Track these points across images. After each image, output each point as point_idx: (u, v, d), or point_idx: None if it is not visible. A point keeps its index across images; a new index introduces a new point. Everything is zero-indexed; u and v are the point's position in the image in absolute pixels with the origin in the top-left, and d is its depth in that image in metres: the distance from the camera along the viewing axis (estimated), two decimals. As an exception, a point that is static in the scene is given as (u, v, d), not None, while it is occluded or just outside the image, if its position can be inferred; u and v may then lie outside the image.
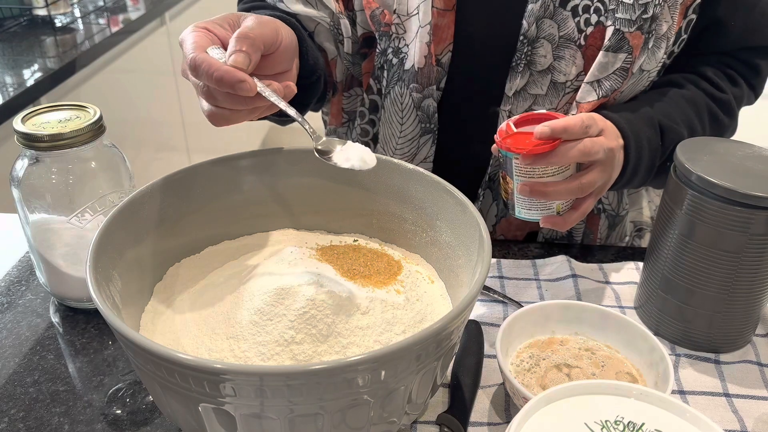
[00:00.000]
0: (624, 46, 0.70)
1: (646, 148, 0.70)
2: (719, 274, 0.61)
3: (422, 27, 0.73)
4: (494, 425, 0.57)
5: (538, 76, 0.74)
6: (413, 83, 0.76)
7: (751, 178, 0.59)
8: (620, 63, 0.71)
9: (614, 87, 0.72)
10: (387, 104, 0.80)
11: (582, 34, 0.72)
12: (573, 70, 0.73)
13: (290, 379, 0.42)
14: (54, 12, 1.71)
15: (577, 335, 0.63)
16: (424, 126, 0.79)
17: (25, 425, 0.58)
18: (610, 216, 0.85)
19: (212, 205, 0.65)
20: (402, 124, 0.79)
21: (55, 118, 0.66)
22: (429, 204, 0.63)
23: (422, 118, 0.78)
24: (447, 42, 0.75)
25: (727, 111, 0.78)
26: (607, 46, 0.70)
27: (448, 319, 0.46)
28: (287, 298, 0.52)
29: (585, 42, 0.72)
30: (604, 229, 0.86)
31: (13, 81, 1.37)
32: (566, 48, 0.72)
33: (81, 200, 0.66)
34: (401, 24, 0.75)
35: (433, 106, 0.78)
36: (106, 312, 0.46)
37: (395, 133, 0.80)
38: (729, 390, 0.61)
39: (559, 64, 0.73)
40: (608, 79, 0.71)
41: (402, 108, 0.78)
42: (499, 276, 0.76)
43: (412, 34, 0.74)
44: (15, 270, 0.79)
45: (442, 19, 0.74)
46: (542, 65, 0.73)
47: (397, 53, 0.76)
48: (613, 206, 0.84)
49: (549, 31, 0.72)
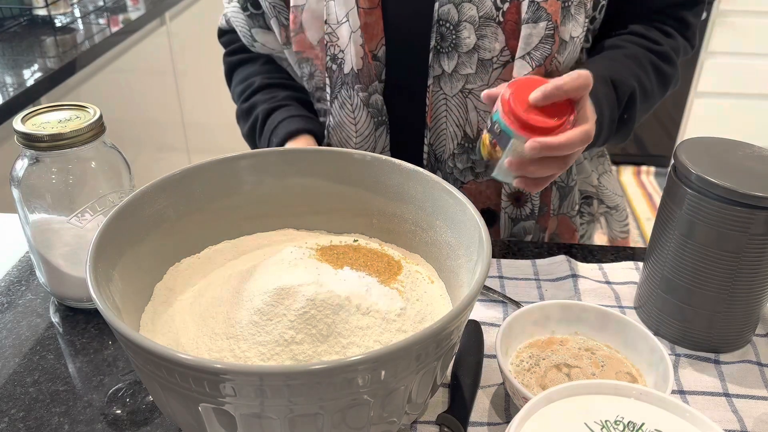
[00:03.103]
0: (542, 15, 0.74)
1: (605, 105, 0.75)
2: (719, 274, 0.62)
3: (354, 32, 0.78)
4: (494, 425, 0.57)
5: (465, 57, 0.78)
6: (357, 84, 0.80)
7: (751, 178, 0.59)
8: (543, 31, 0.75)
9: (545, 55, 0.76)
10: (335, 109, 0.83)
11: (500, 12, 0.76)
12: (497, 46, 0.77)
13: (290, 379, 0.42)
14: (54, 12, 1.71)
15: (577, 335, 0.63)
16: (377, 119, 0.83)
17: (25, 425, 0.58)
18: (560, 188, 0.88)
19: (212, 205, 0.65)
20: (356, 124, 0.83)
21: (55, 118, 0.66)
22: (429, 204, 0.63)
23: (373, 113, 0.82)
24: (379, 37, 0.79)
25: (667, 60, 0.83)
26: (526, 19, 0.74)
27: (448, 319, 0.46)
28: (287, 298, 0.52)
29: (504, 18, 0.76)
30: (556, 201, 0.89)
31: (13, 81, 1.37)
32: (487, 27, 0.76)
33: (81, 200, 0.66)
34: (333, 32, 0.80)
35: (380, 100, 0.82)
36: (106, 312, 0.46)
37: (351, 135, 0.84)
38: (729, 390, 0.61)
39: (483, 42, 0.77)
40: (537, 49, 0.75)
41: (353, 109, 0.82)
42: (498, 276, 0.76)
43: (345, 40, 0.79)
44: (15, 270, 0.79)
45: (371, 17, 0.78)
46: (468, 46, 0.77)
47: (335, 60, 0.81)
48: (563, 177, 0.88)
49: (469, 13, 0.76)
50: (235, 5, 0.90)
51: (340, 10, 0.78)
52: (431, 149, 0.85)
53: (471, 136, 0.83)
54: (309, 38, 0.84)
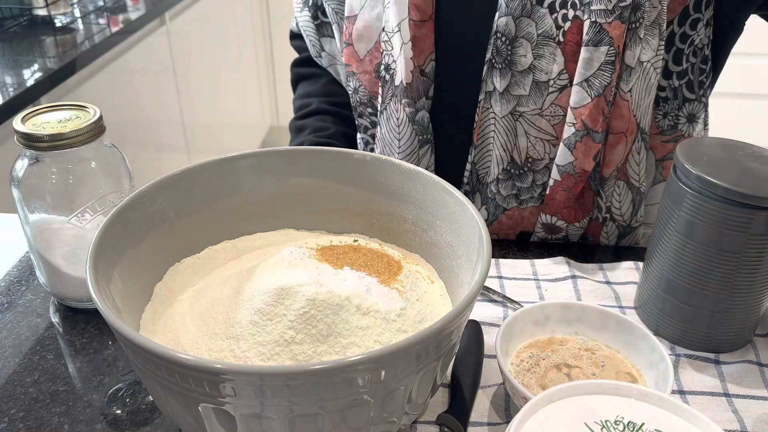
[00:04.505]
0: (603, 38, 0.69)
1: None
2: (719, 274, 0.61)
3: (405, 44, 0.75)
4: (494, 425, 0.57)
5: (520, 76, 0.74)
6: (404, 98, 0.77)
7: (751, 178, 0.59)
8: (604, 57, 0.70)
9: (604, 83, 0.71)
10: (383, 121, 0.81)
11: (560, 31, 0.71)
12: (554, 68, 0.73)
13: (290, 379, 0.42)
14: (54, 12, 1.71)
15: (577, 335, 0.63)
16: (422, 138, 0.80)
17: (25, 425, 0.58)
18: (620, 226, 0.84)
19: (212, 205, 0.65)
20: (399, 139, 0.80)
21: (55, 118, 0.66)
22: (429, 204, 0.63)
23: (418, 130, 0.79)
24: (429, 51, 0.77)
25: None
26: (587, 41, 0.70)
27: (448, 319, 0.46)
28: (287, 298, 0.52)
29: (564, 38, 0.72)
30: (613, 238, 0.85)
31: (13, 81, 1.37)
32: (545, 46, 0.72)
33: (81, 200, 0.66)
34: (389, 41, 0.77)
35: (426, 117, 0.79)
36: (106, 312, 0.46)
37: (394, 149, 0.81)
38: (729, 390, 0.61)
39: (540, 62, 0.73)
40: (596, 76, 0.71)
41: (398, 123, 0.79)
42: (498, 276, 0.76)
43: (397, 51, 0.76)
44: (15, 270, 0.79)
45: (421, 30, 0.76)
46: (523, 65, 0.73)
47: (388, 69, 0.78)
48: (626, 217, 0.83)
49: (527, 29, 0.72)
50: (306, 14, 0.89)
51: (393, 19, 0.75)
52: (474, 168, 0.81)
53: (518, 162, 0.79)
54: (357, 51, 0.82)
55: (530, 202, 0.82)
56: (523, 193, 0.81)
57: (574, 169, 0.76)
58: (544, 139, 0.78)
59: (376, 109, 0.86)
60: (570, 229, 0.82)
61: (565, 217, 0.81)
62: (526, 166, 0.80)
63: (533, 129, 0.77)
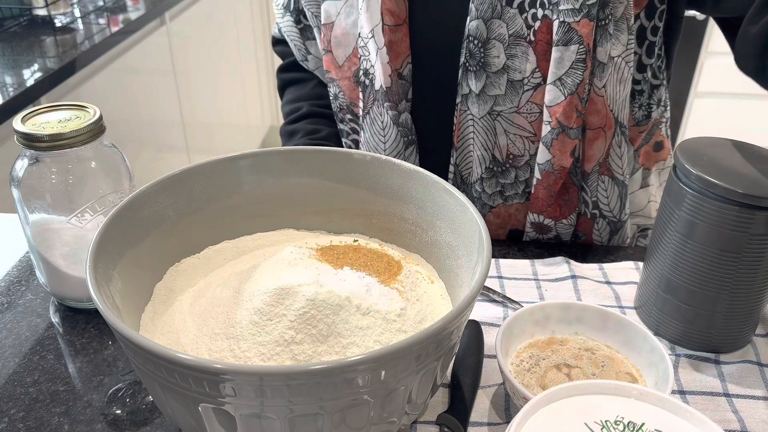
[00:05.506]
0: (573, 37, 0.70)
1: None
2: (719, 274, 0.61)
3: (380, 49, 0.76)
4: (494, 425, 0.57)
5: (495, 77, 0.75)
6: (386, 102, 0.78)
7: (751, 178, 0.59)
8: (575, 55, 0.71)
9: (576, 81, 0.72)
10: (366, 125, 0.82)
11: (530, 30, 0.72)
12: (528, 67, 0.74)
13: (290, 379, 0.42)
14: (54, 12, 1.71)
15: (577, 335, 0.63)
16: (407, 139, 0.81)
17: (25, 425, 0.58)
18: (611, 222, 0.84)
19: (212, 205, 0.65)
20: (385, 142, 0.81)
21: (55, 118, 0.66)
22: (429, 204, 0.63)
23: (403, 132, 0.80)
24: (404, 55, 0.78)
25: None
26: (556, 41, 0.71)
27: (448, 319, 0.46)
28: (287, 298, 0.52)
29: (534, 38, 0.73)
30: (605, 234, 0.85)
31: (13, 81, 1.36)
32: (517, 46, 0.73)
33: (81, 200, 0.66)
34: (365, 46, 0.78)
35: (410, 119, 0.80)
36: (106, 312, 0.46)
37: (380, 153, 0.82)
38: (729, 390, 0.61)
39: (513, 62, 0.74)
40: (568, 74, 0.72)
41: (383, 127, 0.81)
42: (498, 276, 0.76)
43: (374, 56, 0.77)
44: (15, 270, 0.79)
45: (396, 35, 0.76)
46: (497, 66, 0.74)
47: (367, 74, 0.80)
48: (615, 212, 0.84)
49: (498, 31, 0.73)
50: (289, 19, 0.89)
51: (367, 25, 0.76)
52: (457, 170, 0.82)
53: (500, 160, 0.80)
54: (336, 58, 0.83)
55: (515, 199, 0.83)
56: (507, 189, 0.83)
57: (552, 167, 0.78)
58: (523, 136, 0.79)
59: (355, 116, 0.87)
60: (559, 227, 0.83)
61: (551, 214, 0.82)
62: (508, 162, 0.81)
63: (512, 127, 0.78)
